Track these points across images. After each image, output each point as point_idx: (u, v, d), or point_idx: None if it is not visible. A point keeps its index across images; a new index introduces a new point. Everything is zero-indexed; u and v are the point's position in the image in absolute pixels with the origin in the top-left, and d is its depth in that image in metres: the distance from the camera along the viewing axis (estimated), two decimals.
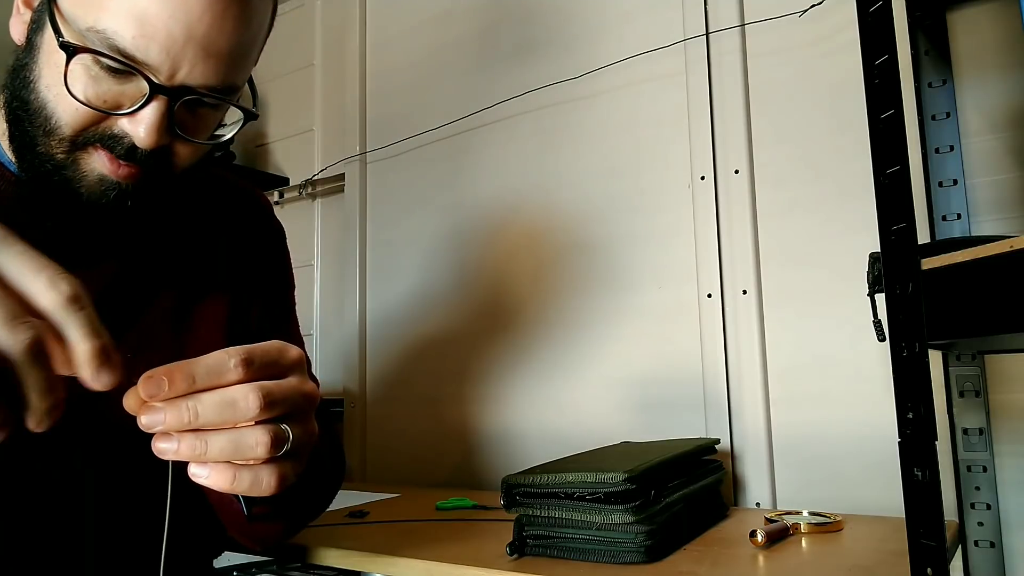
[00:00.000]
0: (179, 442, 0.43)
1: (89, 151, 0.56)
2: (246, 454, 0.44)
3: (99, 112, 0.54)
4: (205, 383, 0.43)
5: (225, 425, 0.43)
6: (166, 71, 0.52)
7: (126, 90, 0.54)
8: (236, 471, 0.44)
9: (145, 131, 0.54)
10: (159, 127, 0.54)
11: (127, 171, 0.56)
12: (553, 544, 0.76)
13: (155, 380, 0.42)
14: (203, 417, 0.42)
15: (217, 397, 0.43)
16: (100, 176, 0.56)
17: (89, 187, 0.56)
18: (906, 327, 0.52)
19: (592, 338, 1.27)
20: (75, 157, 0.56)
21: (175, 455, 0.43)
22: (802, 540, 0.82)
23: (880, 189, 0.54)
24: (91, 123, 0.55)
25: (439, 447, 1.43)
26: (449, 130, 1.50)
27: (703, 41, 1.19)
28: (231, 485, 0.44)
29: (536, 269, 1.36)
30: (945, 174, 0.98)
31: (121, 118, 0.54)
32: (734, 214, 1.14)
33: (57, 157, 0.56)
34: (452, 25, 1.54)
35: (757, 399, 1.10)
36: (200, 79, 0.54)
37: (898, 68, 0.54)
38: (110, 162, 0.56)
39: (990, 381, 0.95)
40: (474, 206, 1.46)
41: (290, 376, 0.47)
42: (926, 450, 0.51)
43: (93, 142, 0.55)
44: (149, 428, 0.42)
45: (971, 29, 1.01)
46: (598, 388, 1.26)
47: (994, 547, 0.92)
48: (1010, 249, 0.53)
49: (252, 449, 0.44)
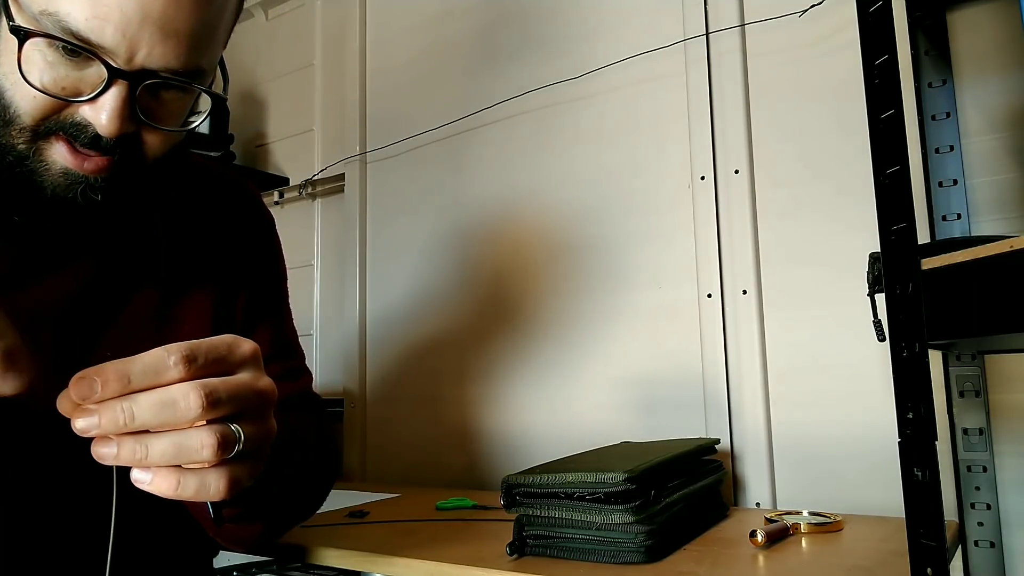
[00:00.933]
0: (118, 446, 0.40)
1: (52, 141, 0.53)
2: (191, 457, 0.41)
3: (57, 99, 0.51)
4: (142, 383, 0.40)
5: (165, 427, 0.41)
6: (123, 53, 0.50)
7: (85, 76, 0.51)
8: (181, 476, 0.42)
9: (107, 118, 0.51)
10: (121, 113, 0.51)
11: (93, 164, 0.53)
12: (553, 544, 0.76)
13: (86, 381, 0.39)
14: (139, 419, 0.40)
15: (155, 397, 0.40)
16: (63, 169, 0.53)
17: (53, 181, 0.54)
18: (906, 327, 0.52)
19: (592, 338, 1.27)
20: (37, 148, 0.53)
21: (115, 460, 0.40)
22: (802, 540, 0.82)
23: (880, 189, 0.54)
24: (51, 112, 0.52)
25: (439, 447, 1.43)
26: (449, 130, 1.50)
27: (703, 41, 1.19)
28: (175, 491, 0.41)
29: (536, 269, 1.36)
30: (945, 174, 0.98)
31: (82, 105, 0.52)
32: (734, 214, 1.14)
33: (18, 147, 0.53)
34: (452, 25, 1.54)
35: (757, 399, 1.10)
36: (160, 61, 0.51)
37: (898, 68, 0.54)
38: (72, 155, 0.53)
39: (990, 381, 0.95)
40: (474, 206, 1.46)
41: (241, 372, 0.45)
42: (926, 450, 0.51)
43: (54, 131, 0.53)
44: (83, 432, 0.40)
45: (971, 29, 1.01)
46: (598, 388, 1.26)
47: (994, 547, 0.92)
48: (1010, 249, 0.53)
49: (197, 452, 0.41)
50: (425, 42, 1.58)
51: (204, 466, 0.43)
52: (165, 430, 0.41)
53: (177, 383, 0.41)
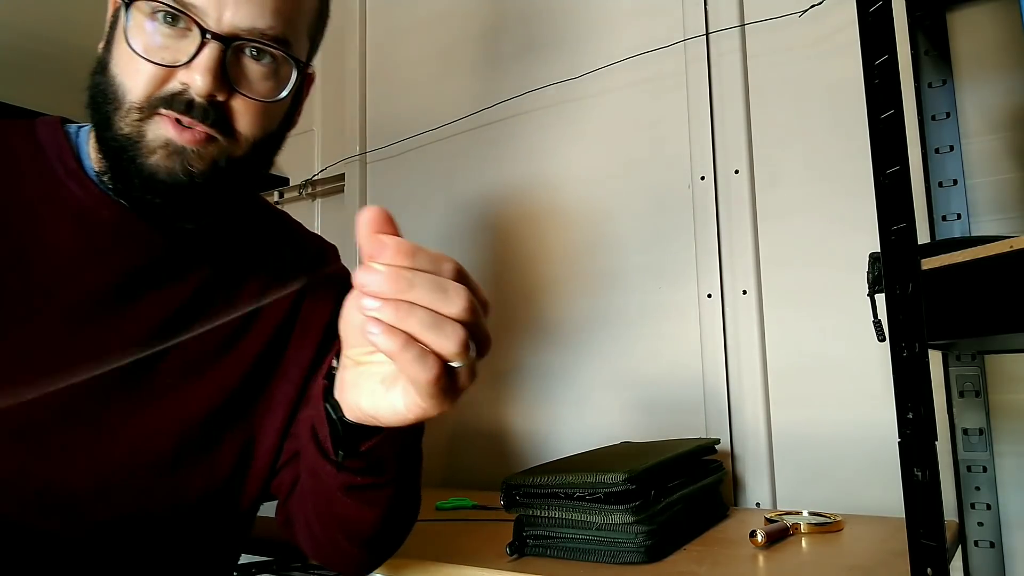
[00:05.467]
0: (384, 304, 0.41)
1: (155, 120, 0.58)
2: (437, 340, 0.41)
3: (159, 66, 0.56)
4: (423, 264, 0.42)
5: (431, 308, 0.41)
6: (213, 14, 0.56)
7: (182, 45, 0.57)
8: (408, 340, 0.41)
9: (200, 76, 0.56)
10: (213, 71, 0.56)
11: (191, 135, 0.58)
12: (553, 544, 0.76)
13: (379, 242, 0.42)
14: (415, 291, 0.41)
15: (433, 279, 0.42)
16: (165, 140, 0.57)
17: (157, 156, 0.58)
18: (906, 327, 0.52)
19: (592, 338, 1.27)
20: (141, 128, 0.58)
21: (377, 311, 0.41)
22: (802, 540, 0.82)
23: (880, 189, 0.54)
24: (155, 85, 0.57)
25: (439, 447, 1.43)
26: (449, 130, 1.50)
27: (703, 41, 1.19)
28: (399, 350, 0.41)
29: (536, 269, 1.36)
30: (945, 174, 0.98)
31: (179, 72, 0.57)
32: (734, 214, 1.14)
33: (124, 131, 0.58)
34: (452, 25, 1.54)
35: (757, 399, 1.10)
36: (247, 21, 0.57)
37: (898, 68, 0.54)
38: (172, 127, 0.57)
39: (990, 381, 0.95)
40: (474, 206, 1.46)
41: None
42: (926, 450, 0.51)
43: (157, 106, 0.57)
44: (362, 286, 0.41)
45: (971, 29, 1.01)
46: (598, 388, 1.26)
47: (994, 547, 0.92)
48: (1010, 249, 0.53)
49: (446, 337, 0.41)
50: (425, 42, 1.58)
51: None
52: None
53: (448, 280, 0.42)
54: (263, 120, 0.62)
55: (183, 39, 0.57)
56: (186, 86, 0.57)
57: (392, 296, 0.41)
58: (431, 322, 0.41)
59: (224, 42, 0.57)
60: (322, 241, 0.83)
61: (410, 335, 0.41)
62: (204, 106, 0.57)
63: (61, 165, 0.63)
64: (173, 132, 0.58)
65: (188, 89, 0.57)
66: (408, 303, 0.41)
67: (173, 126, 0.58)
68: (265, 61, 0.60)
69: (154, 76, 0.57)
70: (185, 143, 0.58)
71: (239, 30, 0.57)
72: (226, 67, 0.57)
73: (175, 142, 0.58)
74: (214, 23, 0.56)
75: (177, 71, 0.57)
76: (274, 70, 0.61)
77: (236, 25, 0.57)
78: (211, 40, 0.56)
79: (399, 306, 0.41)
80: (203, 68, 0.56)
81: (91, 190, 0.62)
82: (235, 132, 0.60)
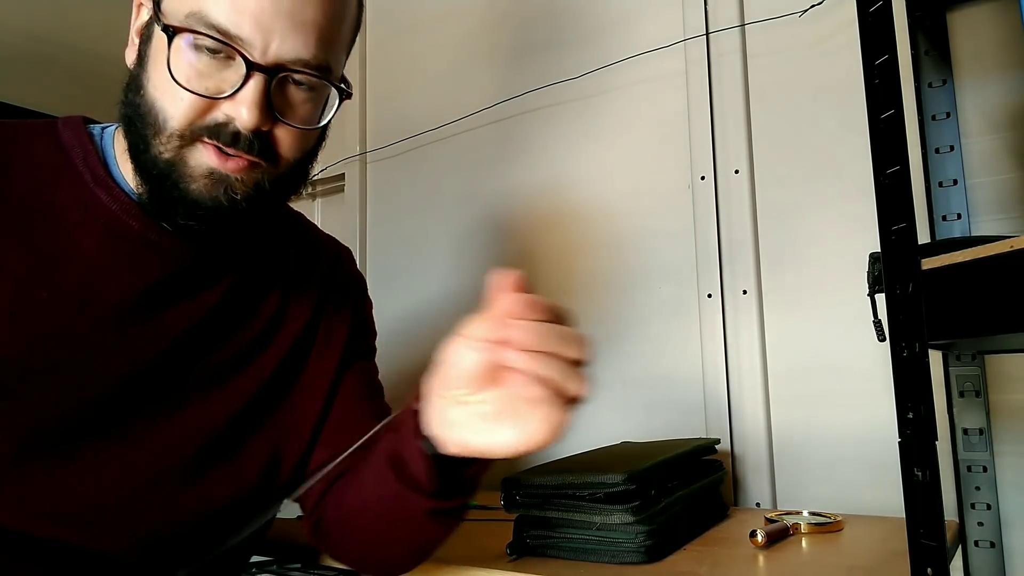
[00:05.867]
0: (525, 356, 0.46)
1: (196, 147, 0.58)
2: (571, 384, 0.47)
3: (202, 97, 0.56)
4: (549, 318, 0.47)
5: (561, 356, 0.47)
6: (259, 45, 0.55)
7: (226, 76, 0.56)
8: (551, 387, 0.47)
9: (247, 109, 0.56)
10: (259, 104, 0.56)
11: (235, 163, 0.58)
12: (553, 544, 0.76)
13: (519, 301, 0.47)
14: (544, 341, 0.46)
15: (559, 329, 0.47)
16: (208, 169, 0.58)
17: (198, 183, 0.58)
18: (906, 327, 0.52)
19: (592, 338, 1.27)
20: (182, 155, 0.57)
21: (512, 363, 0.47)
22: (802, 540, 0.82)
23: (880, 189, 0.54)
24: (197, 114, 0.57)
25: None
26: (449, 130, 1.50)
27: (703, 41, 1.19)
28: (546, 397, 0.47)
29: (536, 269, 1.36)
30: (945, 174, 0.98)
31: (223, 104, 0.57)
32: (734, 214, 1.14)
33: (165, 156, 0.57)
34: (452, 26, 1.54)
35: (757, 399, 1.09)
36: (292, 52, 0.57)
37: (898, 68, 0.54)
38: (216, 156, 0.57)
39: (990, 381, 0.95)
40: (473, 206, 1.46)
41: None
42: (926, 450, 0.51)
43: (200, 135, 0.57)
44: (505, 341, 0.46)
45: (971, 29, 1.01)
46: (598, 388, 1.25)
47: (994, 547, 0.92)
48: (1010, 249, 0.53)
49: (576, 381, 0.47)
50: (425, 42, 1.58)
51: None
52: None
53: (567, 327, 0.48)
54: (303, 142, 0.62)
55: (226, 69, 0.56)
56: (230, 118, 0.57)
57: (535, 349, 0.46)
58: (564, 368, 0.47)
59: (269, 74, 0.56)
60: (338, 244, 0.83)
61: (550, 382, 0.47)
62: (250, 138, 0.57)
63: (88, 171, 0.62)
64: (216, 160, 0.57)
65: (233, 121, 0.57)
66: (547, 354, 0.46)
67: (216, 154, 0.58)
68: (306, 88, 0.60)
69: (197, 106, 0.56)
70: (229, 171, 0.58)
71: (284, 61, 0.57)
72: (270, 98, 0.57)
73: (219, 171, 0.58)
74: (259, 55, 0.56)
75: (220, 102, 0.57)
76: (315, 95, 0.61)
77: (281, 56, 0.57)
78: (256, 73, 0.56)
79: (539, 357, 0.46)
80: (250, 102, 0.56)
81: (120, 198, 0.62)
82: (278, 157, 0.60)
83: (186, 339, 0.64)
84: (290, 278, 0.73)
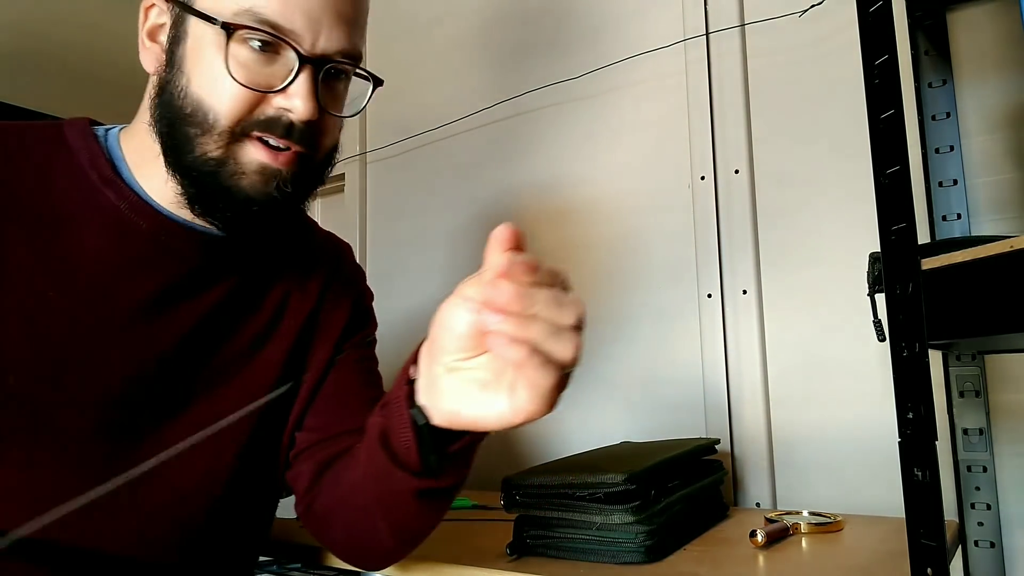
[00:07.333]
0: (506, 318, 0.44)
1: (244, 144, 0.58)
2: (557, 348, 0.45)
3: (255, 92, 0.57)
4: (543, 279, 0.45)
5: (543, 320, 0.45)
6: (309, 38, 0.57)
7: (274, 70, 0.58)
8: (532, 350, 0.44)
9: (302, 100, 0.57)
10: (313, 95, 0.58)
11: (285, 158, 0.59)
12: (553, 544, 0.76)
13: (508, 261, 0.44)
14: (536, 306, 0.44)
15: (551, 293, 0.45)
16: (261, 166, 0.59)
17: (251, 179, 0.59)
18: (906, 327, 0.52)
19: (592, 338, 1.27)
20: (231, 152, 0.58)
21: (498, 324, 0.44)
22: (802, 540, 0.82)
23: (880, 189, 0.54)
24: (247, 110, 0.57)
25: None
26: (449, 130, 1.50)
27: (703, 41, 1.19)
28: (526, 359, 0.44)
29: None
30: (945, 174, 0.98)
31: (273, 99, 0.58)
32: (734, 214, 1.14)
33: (213, 154, 0.58)
34: (452, 25, 1.54)
35: (757, 399, 1.09)
36: (336, 44, 0.59)
37: (898, 68, 0.54)
38: (266, 152, 0.59)
39: (990, 381, 0.95)
40: (473, 206, 1.46)
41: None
42: (926, 450, 0.51)
43: (250, 131, 0.58)
44: (489, 302, 0.44)
45: (971, 29, 1.01)
46: (598, 388, 1.26)
47: (994, 547, 0.92)
48: (1010, 249, 0.53)
49: (562, 344, 0.45)
50: (425, 42, 1.58)
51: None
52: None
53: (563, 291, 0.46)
54: (338, 130, 0.65)
55: (274, 62, 0.58)
56: (282, 111, 0.58)
57: (517, 311, 0.44)
58: (551, 332, 0.44)
59: (317, 65, 0.58)
60: (337, 239, 0.84)
61: (533, 345, 0.44)
62: (303, 129, 0.59)
63: (95, 172, 0.62)
64: (266, 156, 0.59)
65: (287, 114, 0.58)
66: (530, 316, 0.44)
67: (264, 149, 0.59)
68: (344, 78, 0.63)
69: (249, 100, 0.57)
70: (280, 166, 0.59)
71: (329, 53, 0.59)
72: (318, 89, 0.59)
73: (271, 166, 0.59)
74: (308, 47, 0.58)
75: (270, 95, 0.58)
76: (346, 85, 0.64)
77: (326, 49, 0.59)
78: (308, 65, 0.58)
79: (521, 319, 0.44)
80: (304, 94, 0.58)
81: (129, 198, 0.62)
82: (319, 146, 0.62)
83: (193, 337, 0.64)
84: (293, 273, 0.74)
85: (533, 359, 0.44)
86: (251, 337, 0.68)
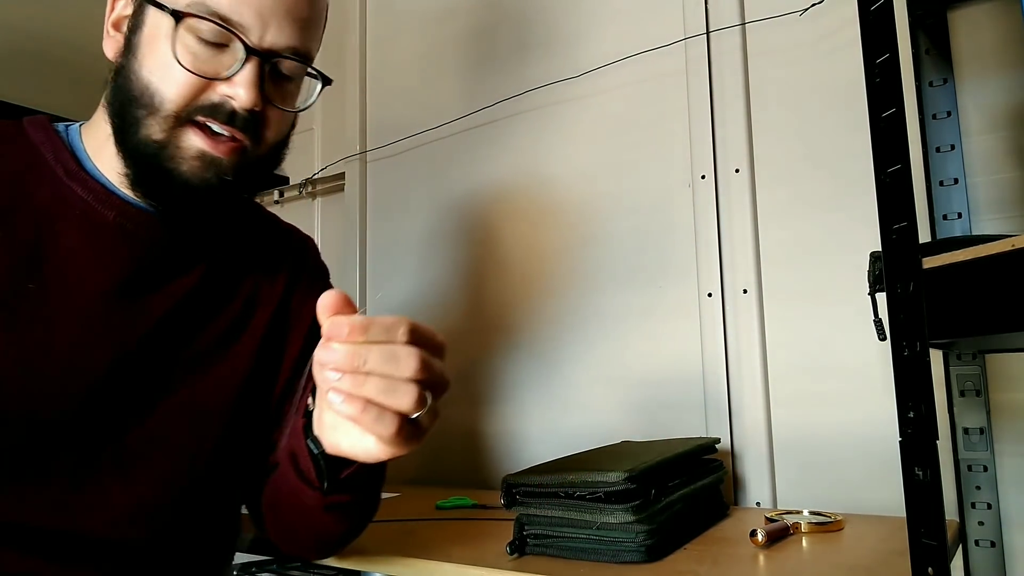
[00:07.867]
0: (343, 376, 0.47)
1: (187, 130, 0.61)
2: (393, 399, 0.47)
3: (201, 78, 0.59)
4: (375, 337, 0.47)
5: (383, 376, 0.47)
6: (256, 31, 0.60)
7: (222, 59, 0.60)
8: (366, 404, 0.47)
9: (245, 90, 0.60)
10: (256, 85, 0.60)
11: (226, 146, 0.61)
12: (553, 543, 0.76)
13: (337, 324, 0.47)
14: (369, 364, 0.46)
15: (385, 350, 0.47)
16: (200, 152, 0.61)
17: (190, 164, 0.61)
18: (907, 326, 0.52)
19: (592, 337, 1.27)
20: (174, 136, 0.60)
21: (337, 382, 0.47)
22: (802, 540, 0.82)
23: (881, 188, 0.54)
24: (193, 96, 0.60)
25: (439, 446, 1.43)
26: (449, 129, 1.50)
27: (703, 40, 1.19)
28: (359, 414, 0.46)
29: (536, 268, 1.36)
30: (946, 173, 0.98)
31: (219, 86, 0.60)
32: (734, 213, 1.14)
33: (156, 137, 0.60)
34: (452, 24, 1.54)
35: (757, 399, 1.09)
36: (284, 41, 0.62)
37: (899, 67, 0.54)
38: (207, 138, 0.61)
39: (991, 380, 0.95)
40: (474, 205, 1.46)
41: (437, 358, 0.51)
42: (927, 449, 0.50)
43: (194, 116, 0.60)
44: (322, 363, 0.47)
45: (972, 28, 1.00)
46: (598, 388, 1.26)
47: (995, 546, 0.91)
48: (1011, 248, 0.53)
49: (400, 397, 0.47)
50: (425, 41, 1.58)
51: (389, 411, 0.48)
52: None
53: (400, 345, 0.48)
54: (284, 126, 0.67)
55: (223, 53, 0.60)
56: (226, 98, 0.60)
57: (350, 370, 0.46)
58: (385, 387, 0.47)
59: (264, 58, 0.61)
60: (300, 233, 0.85)
61: (368, 399, 0.46)
62: (245, 117, 0.61)
63: (60, 166, 0.64)
64: (207, 143, 0.61)
65: (229, 101, 0.60)
66: (364, 374, 0.46)
67: (206, 136, 0.61)
68: (292, 75, 0.65)
69: (195, 86, 0.60)
70: (220, 154, 0.61)
71: (277, 47, 0.62)
72: (264, 79, 0.61)
73: (210, 153, 0.61)
74: (256, 40, 0.60)
75: (216, 83, 0.60)
76: (296, 83, 0.67)
77: (274, 43, 0.61)
78: (253, 56, 0.60)
79: (355, 377, 0.46)
80: (247, 83, 0.60)
81: (94, 189, 0.64)
82: (262, 139, 0.64)
83: (168, 321, 0.65)
84: (260, 264, 0.76)
85: (368, 413, 0.46)
86: (227, 323, 0.70)
